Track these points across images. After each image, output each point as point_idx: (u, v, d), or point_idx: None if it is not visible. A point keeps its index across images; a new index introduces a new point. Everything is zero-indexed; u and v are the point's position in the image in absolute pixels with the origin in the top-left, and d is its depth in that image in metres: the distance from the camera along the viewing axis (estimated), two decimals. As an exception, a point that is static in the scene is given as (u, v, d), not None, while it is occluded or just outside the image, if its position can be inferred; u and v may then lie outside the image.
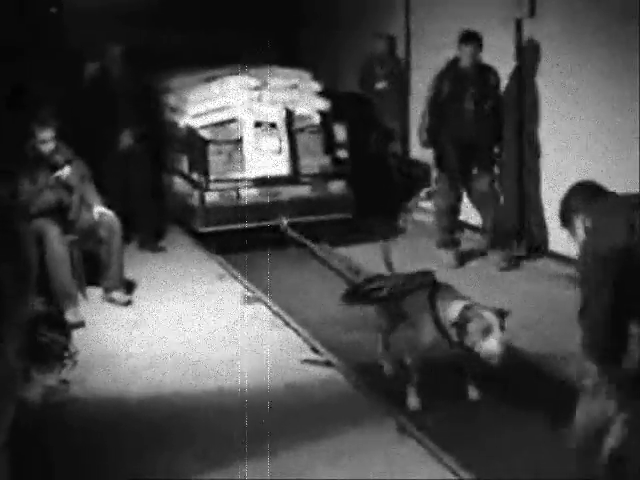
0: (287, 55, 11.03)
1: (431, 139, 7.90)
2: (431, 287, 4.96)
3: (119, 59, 8.36)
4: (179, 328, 6.38)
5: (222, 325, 6.40)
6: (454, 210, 7.93)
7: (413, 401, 4.95)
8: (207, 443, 4.65)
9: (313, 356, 5.79)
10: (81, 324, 6.32)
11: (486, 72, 7.67)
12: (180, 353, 5.90)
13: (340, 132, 8.80)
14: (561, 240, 7.69)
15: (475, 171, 7.74)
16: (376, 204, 9.02)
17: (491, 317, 4.56)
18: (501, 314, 4.61)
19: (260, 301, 6.88)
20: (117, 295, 6.87)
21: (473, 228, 8.34)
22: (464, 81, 7.62)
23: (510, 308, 4.75)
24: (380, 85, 9.63)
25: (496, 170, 7.91)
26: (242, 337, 6.17)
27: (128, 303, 6.87)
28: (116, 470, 4.37)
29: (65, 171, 6.83)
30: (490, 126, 7.68)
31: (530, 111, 7.95)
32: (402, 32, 9.86)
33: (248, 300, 6.92)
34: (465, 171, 7.75)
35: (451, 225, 7.97)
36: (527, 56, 7.92)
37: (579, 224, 3.89)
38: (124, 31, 9.55)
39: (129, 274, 7.23)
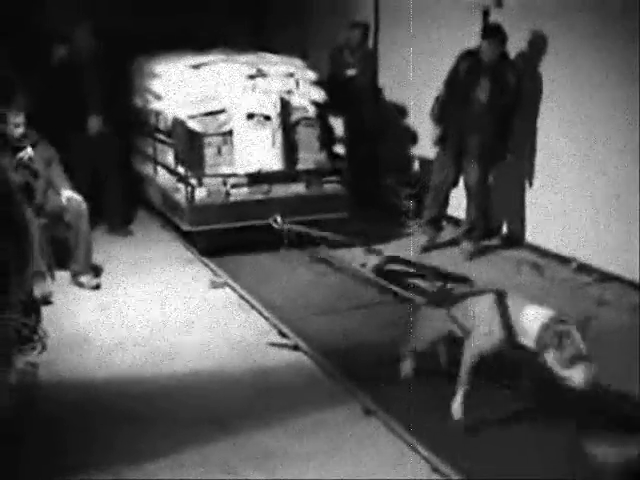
0: (257, 40, 10.99)
1: (440, 116, 7.79)
2: (496, 292, 4.62)
3: (88, 41, 8.24)
4: (147, 311, 6.41)
5: (189, 309, 6.45)
6: (446, 191, 7.94)
7: (458, 410, 4.62)
8: (174, 423, 4.70)
9: (280, 340, 5.85)
10: (48, 297, 6.34)
11: (507, 67, 7.55)
12: (148, 336, 5.94)
13: (337, 125, 8.40)
14: (537, 232, 7.94)
15: (471, 162, 7.71)
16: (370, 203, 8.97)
17: (581, 339, 4.17)
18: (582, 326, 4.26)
19: (227, 285, 6.93)
20: (85, 279, 6.89)
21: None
22: (481, 72, 7.51)
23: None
24: (350, 72, 9.63)
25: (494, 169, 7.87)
26: (209, 321, 6.22)
27: (96, 287, 6.89)
28: (85, 451, 4.41)
29: (28, 152, 6.81)
30: (498, 123, 7.56)
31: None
32: (371, 20, 9.89)
33: (215, 284, 6.96)
34: (462, 159, 7.76)
35: (438, 206, 8.01)
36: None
37: None
38: (99, 14, 9.38)
39: (98, 258, 7.24)
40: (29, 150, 6.84)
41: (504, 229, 8.37)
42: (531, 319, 4.34)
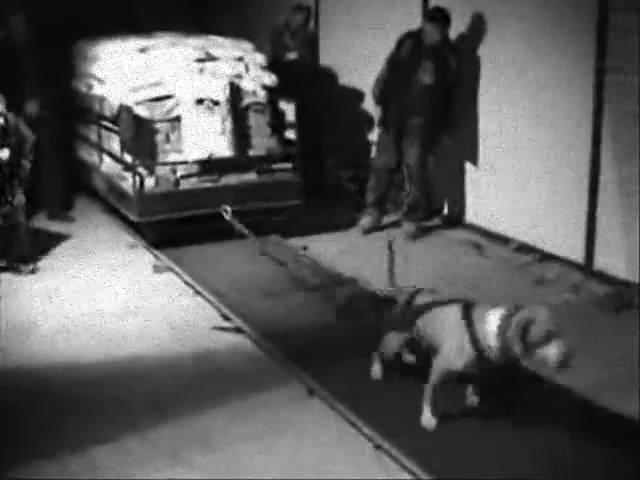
0: (201, 23, 10.93)
1: (382, 97, 7.82)
2: (463, 303, 4.43)
3: (23, 28, 8.09)
4: (90, 297, 6.38)
5: (133, 294, 6.43)
6: (389, 173, 7.99)
7: (429, 420, 4.47)
8: (119, 408, 4.71)
9: (223, 323, 5.87)
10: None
11: (448, 49, 7.63)
12: (91, 322, 5.92)
13: (288, 110, 8.19)
14: (477, 213, 8.04)
15: (411, 143, 7.77)
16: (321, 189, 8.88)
17: (549, 316, 4.07)
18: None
19: (170, 270, 6.92)
20: (22, 265, 6.84)
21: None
22: (423, 54, 7.59)
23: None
24: (292, 56, 9.60)
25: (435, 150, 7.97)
26: (152, 306, 6.21)
27: (32, 271, 6.85)
28: (31, 437, 4.40)
29: None
30: (439, 104, 7.66)
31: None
32: (312, 2, 9.88)
33: (158, 269, 6.95)
34: (403, 138, 7.81)
35: (381, 188, 8.06)
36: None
37: None
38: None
39: (39, 245, 7.20)
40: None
41: (445, 210, 8.46)
42: (492, 323, 4.19)
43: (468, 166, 8.05)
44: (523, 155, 7.40)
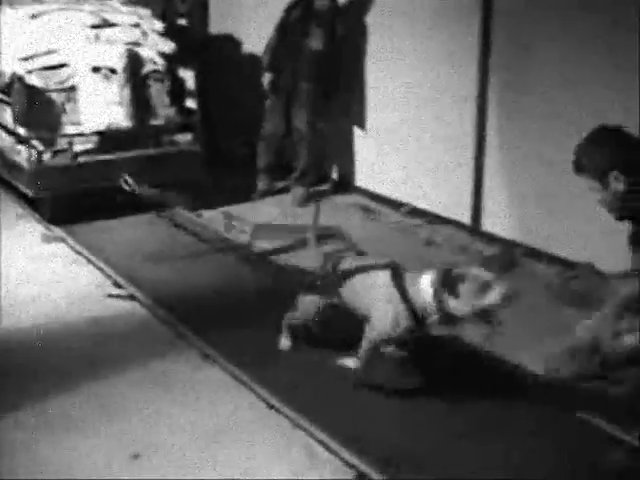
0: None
1: (272, 63, 7.79)
2: (392, 267, 4.38)
3: None
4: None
5: (22, 264, 6.32)
6: (279, 139, 8.03)
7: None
8: (13, 379, 4.64)
9: (116, 291, 5.85)
10: None
11: (337, 16, 7.69)
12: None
13: (187, 79, 7.96)
14: (366, 177, 8.14)
15: (301, 109, 7.81)
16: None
17: (483, 273, 4.12)
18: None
19: (61, 240, 6.85)
20: None
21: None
22: (314, 20, 7.61)
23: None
24: (181, 22, 9.49)
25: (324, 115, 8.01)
26: (43, 275, 6.13)
27: None
28: None
29: None
30: (328, 70, 7.72)
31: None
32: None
33: (48, 239, 6.85)
34: (292, 104, 7.84)
35: (272, 153, 8.09)
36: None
37: (618, 177, 3.62)
38: None
39: None
40: None
41: (335, 175, 8.54)
42: (425, 286, 4.17)
43: (357, 131, 8.13)
44: (411, 120, 7.51)
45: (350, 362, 4.58)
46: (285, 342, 4.92)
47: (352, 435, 4.11)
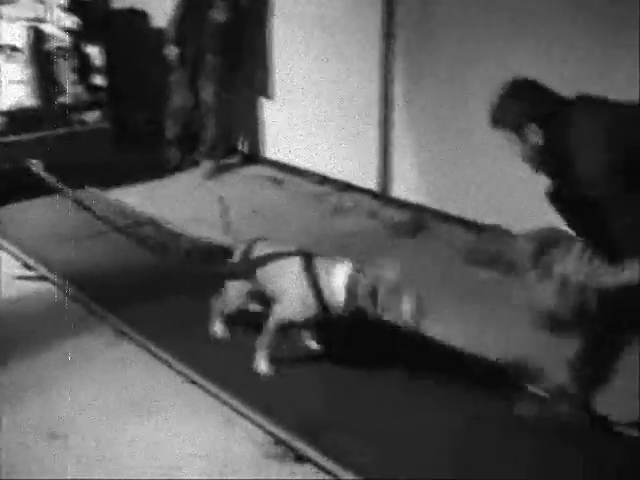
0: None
1: (175, 37, 7.75)
2: (303, 254, 4.35)
3: None
4: None
5: None
6: (187, 115, 8.00)
7: (262, 365, 4.47)
8: None
9: (27, 272, 5.79)
10: None
11: None
12: None
13: (94, 55, 7.89)
14: (274, 148, 8.16)
15: (207, 81, 7.79)
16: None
17: (394, 274, 4.07)
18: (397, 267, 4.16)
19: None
20: None
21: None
22: None
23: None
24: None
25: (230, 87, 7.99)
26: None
27: None
28: None
29: None
30: (233, 41, 7.73)
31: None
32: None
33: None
34: (198, 77, 7.82)
35: (179, 128, 8.06)
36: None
37: (536, 130, 3.55)
38: None
39: None
40: None
41: (243, 147, 8.54)
42: (338, 279, 4.15)
43: (264, 102, 8.14)
44: (317, 89, 7.55)
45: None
46: (218, 328, 4.85)
47: (269, 404, 4.14)
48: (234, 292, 4.67)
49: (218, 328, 4.83)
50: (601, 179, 3.29)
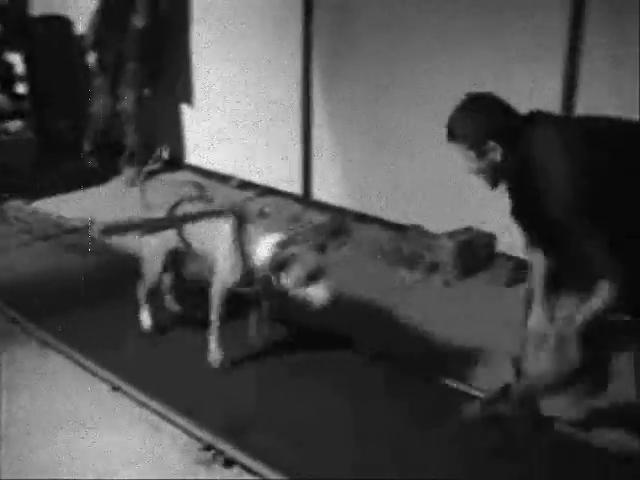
0: None
1: (94, 43, 7.73)
2: (236, 214, 4.35)
3: None
4: None
5: None
6: (107, 122, 7.96)
7: (216, 355, 4.51)
8: None
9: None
10: None
11: None
12: None
13: (16, 62, 7.85)
14: (196, 154, 8.16)
15: (127, 88, 7.76)
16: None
17: (314, 258, 4.12)
18: (322, 248, 4.28)
19: None
20: None
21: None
22: None
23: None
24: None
25: (146, 91, 7.97)
26: None
27: None
28: None
29: None
30: (154, 47, 7.72)
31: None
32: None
33: None
34: (119, 83, 7.78)
35: (99, 138, 8.03)
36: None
37: (495, 147, 3.45)
38: None
39: None
40: None
41: (165, 153, 8.52)
42: (262, 250, 4.19)
43: (186, 108, 8.14)
44: (238, 94, 7.59)
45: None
46: (146, 318, 4.85)
47: (194, 408, 4.17)
48: (153, 251, 4.64)
49: (144, 317, 4.83)
50: (561, 195, 3.26)
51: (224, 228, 4.32)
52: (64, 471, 3.79)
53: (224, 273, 4.32)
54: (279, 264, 4.09)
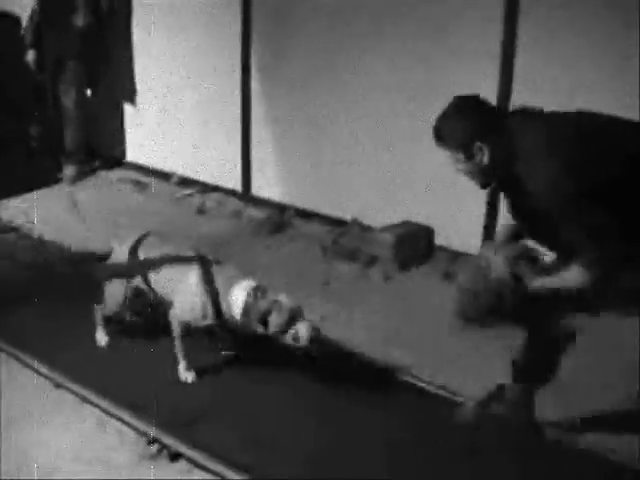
0: None
1: (34, 39, 7.66)
2: (201, 261, 4.31)
3: None
4: None
5: None
6: (47, 120, 7.96)
7: (185, 373, 4.48)
8: None
9: None
10: None
11: None
12: None
13: None
14: (136, 152, 8.15)
15: (69, 87, 7.71)
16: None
17: (289, 301, 4.10)
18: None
19: None
20: None
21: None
22: None
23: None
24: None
25: (89, 91, 7.97)
26: None
27: None
28: None
29: None
30: (95, 46, 7.66)
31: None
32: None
33: None
34: (59, 82, 7.74)
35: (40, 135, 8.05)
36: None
37: (483, 149, 3.44)
38: None
39: None
40: None
41: (105, 150, 8.48)
42: (237, 299, 4.14)
43: (127, 106, 8.13)
44: (178, 91, 7.61)
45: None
46: (101, 337, 4.81)
47: (142, 404, 4.18)
48: (113, 294, 4.61)
49: (100, 336, 4.80)
50: (547, 189, 3.26)
51: (188, 275, 4.28)
52: (8, 465, 3.77)
53: (186, 313, 4.29)
54: (263, 314, 4.07)
